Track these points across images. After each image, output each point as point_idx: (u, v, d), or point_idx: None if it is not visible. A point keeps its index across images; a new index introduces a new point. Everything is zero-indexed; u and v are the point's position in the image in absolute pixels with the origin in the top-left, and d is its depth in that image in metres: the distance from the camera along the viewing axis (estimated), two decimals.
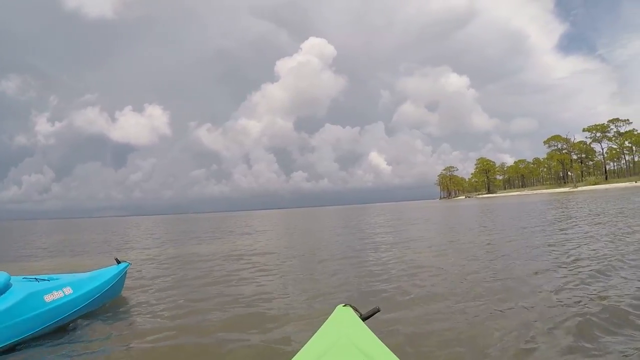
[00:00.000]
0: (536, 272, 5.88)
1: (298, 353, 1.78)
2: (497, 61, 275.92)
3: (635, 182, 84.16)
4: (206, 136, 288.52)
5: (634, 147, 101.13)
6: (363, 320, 2.12)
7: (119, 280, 5.56)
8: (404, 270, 6.76)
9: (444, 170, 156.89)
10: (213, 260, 9.34)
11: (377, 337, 1.88)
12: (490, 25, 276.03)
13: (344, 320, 2.11)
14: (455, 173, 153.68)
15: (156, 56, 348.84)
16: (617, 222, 12.61)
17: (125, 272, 5.79)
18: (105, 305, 5.17)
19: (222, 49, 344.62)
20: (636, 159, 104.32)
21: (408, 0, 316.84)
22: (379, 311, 2.24)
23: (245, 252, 10.66)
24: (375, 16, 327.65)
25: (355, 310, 2.21)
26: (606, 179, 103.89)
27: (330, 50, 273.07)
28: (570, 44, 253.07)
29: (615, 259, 6.32)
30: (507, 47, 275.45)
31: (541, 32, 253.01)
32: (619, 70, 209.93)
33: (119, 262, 5.74)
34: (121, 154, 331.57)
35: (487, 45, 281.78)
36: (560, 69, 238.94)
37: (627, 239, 8.62)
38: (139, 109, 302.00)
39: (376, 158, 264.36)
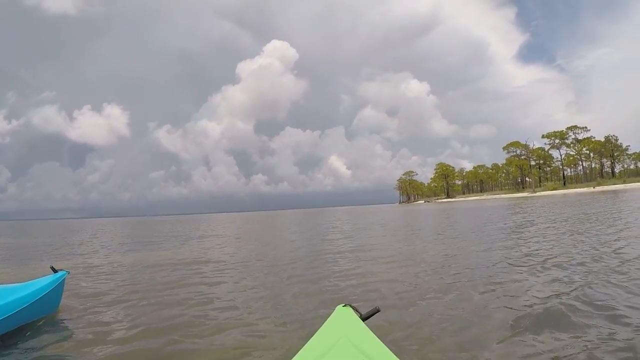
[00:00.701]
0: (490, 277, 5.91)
1: (298, 353, 1.80)
2: (458, 68, 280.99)
3: (593, 187, 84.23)
4: (166, 137, 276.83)
5: (591, 154, 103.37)
6: (363, 320, 2.14)
7: (55, 292, 4.92)
8: (360, 283, 6.16)
9: (403, 174, 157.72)
10: (164, 268, 8.70)
11: (377, 337, 1.90)
12: (452, 33, 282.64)
13: (344, 320, 2.13)
14: (414, 178, 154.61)
15: (117, 55, 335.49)
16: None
17: (63, 283, 5.12)
18: (38, 321, 4.58)
19: (185, 49, 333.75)
20: (593, 165, 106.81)
21: (372, 6, 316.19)
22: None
23: (198, 259, 10.14)
24: (338, 21, 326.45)
25: (355, 310, 2.24)
26: (564, 184, 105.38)
27: (292, 53, 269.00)
28: (529, 54, 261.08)
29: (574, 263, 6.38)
30: (468, 55, 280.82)
31: (502, 41, 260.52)
32: (577, 80, 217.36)
33: (55, 270, 5.07)
34: (79, 154, 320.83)
35: (449, 52, 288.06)
36: (520, 77, 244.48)
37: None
38: (97, 109, 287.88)
39: (336, 162, 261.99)
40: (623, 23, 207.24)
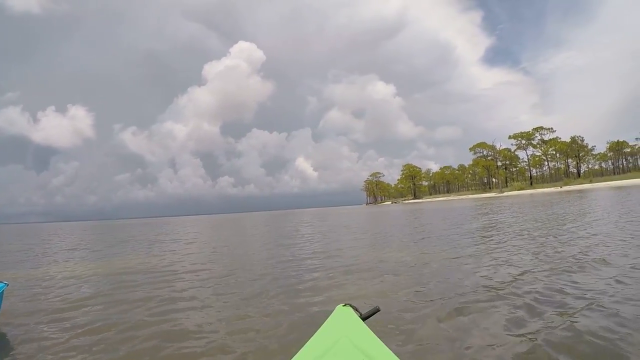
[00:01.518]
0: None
1: (298, 353, 1.80)
2: (424, 71, 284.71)
3: (560, 187, 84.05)
4: (131, 139, 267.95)
5: (557, 154, 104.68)
6: (363, 320, 2.13)
7: None
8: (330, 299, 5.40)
9: (370, 176, 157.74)
10: (121, 279, 7.87)
11: (377, 337, 1.88)
12: (419, 36, 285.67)
13: (344, 320, 2.12)
14: (381, 179, 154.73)
15: (83, 55, 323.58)
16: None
17: (1, 295, 4.72)
18: None
19: (152, 50, 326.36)
20: (558, 165, 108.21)
21: (339, 8, 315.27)
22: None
23: (158, 268, 9.17)
24: (306, 23, 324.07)
25: (355, 309, 2.21)
26: (531, 184, 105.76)
27: (259, 55, 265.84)
28: (495, 57, 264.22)
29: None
30: (435, 58, 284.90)
31: (468, 44, 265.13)
32: (541, 82, 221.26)
33: None
34: (43, 156, 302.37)
35: (415, 55, 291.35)
36: (485, 80, 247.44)
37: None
38: (62, 110, 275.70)
39: (303, 164, 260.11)
40: (587, 27, 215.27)
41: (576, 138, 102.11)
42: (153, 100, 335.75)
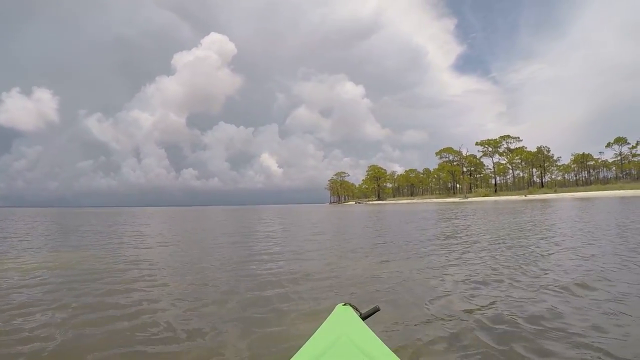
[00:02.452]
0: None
1: (297, 352, 1.77)
2: (394, 74, 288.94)
3: (525, 195, 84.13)
4: (96, 126, 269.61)
5: (523, 163, 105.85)
6: (363, 319, 2.13)
7: None
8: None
9: (335, 175, 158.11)
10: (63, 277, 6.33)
11: (377, 337, 1.87)
12: (392, 39, 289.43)
13: (343, 319, 2.11)
14: (345, 179, 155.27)
15: (51, 37, 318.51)
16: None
17: None
18: None
19: (122, 37, 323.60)
20: (522, 174, 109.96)
21: (315, 6, 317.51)
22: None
23: (109, 266, 7.45)
24: (280, 19, 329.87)
25: (355, 309, 2.21)
26: (496, 191, 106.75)
27: (230, 47, 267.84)
28: (466, 65, 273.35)
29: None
30: (406, 62, 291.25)
31: (440, 50, 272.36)
32: (509, 93, 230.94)
33: None
34: (6, 139, 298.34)
35: (387, 57, 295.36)
36: (455, 86, 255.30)
37: None
38: (27, 92, 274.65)
39: (268, 160, 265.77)
40: (558, 42, 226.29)
41: (542, 148, 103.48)
42: (120, 87, 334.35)
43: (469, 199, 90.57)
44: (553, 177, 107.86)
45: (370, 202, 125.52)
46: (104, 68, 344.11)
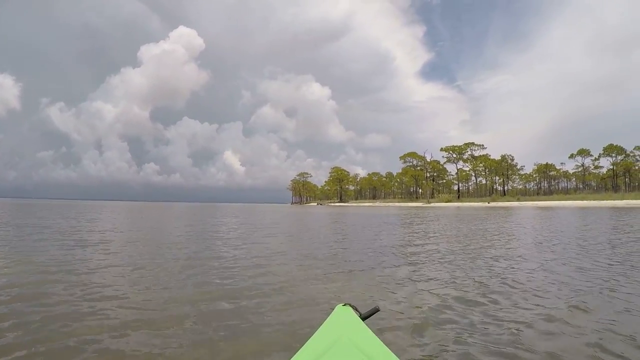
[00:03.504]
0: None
1: (297, 352, 1.77)
2: (361, 78, 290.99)
3: (488, 202, 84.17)
4: (58, 116, 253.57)
5: (486, 170, 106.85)
6: (363, 320, 2.13)
7: None
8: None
9: (297, 175, 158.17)
10: None
11: (377, 337, 1.89)
12: (361, 43, 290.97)
13: (343, 320, 2.11)
14: (308, 179, 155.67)
15: (15, 21, 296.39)
16: None
17: None
18: None
19: (90, 25, 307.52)
20: (485, 182, 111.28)
21: (286, 6, 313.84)
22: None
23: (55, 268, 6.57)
24: (250, 16, 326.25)
25: (355, 309, 2.21)
26: (459, 197, 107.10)
27: (199, 42, 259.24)
28: (432, 72, 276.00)
29: None
30: (373, 66, 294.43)
31: (407, 57, 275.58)
32: (474, 101, 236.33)
33: None
34: None
35: (355, 61, 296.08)
36: (420, 93, 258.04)
37: None
38: None
39: (231, 157, 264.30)
40: (524, 54, 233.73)
41: (506, 157, 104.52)
42: (85, 77, 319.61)
43: (432, 204, 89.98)
44: (514, 185, 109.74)
45: (333, 204, 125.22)
46: (70, 56, 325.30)
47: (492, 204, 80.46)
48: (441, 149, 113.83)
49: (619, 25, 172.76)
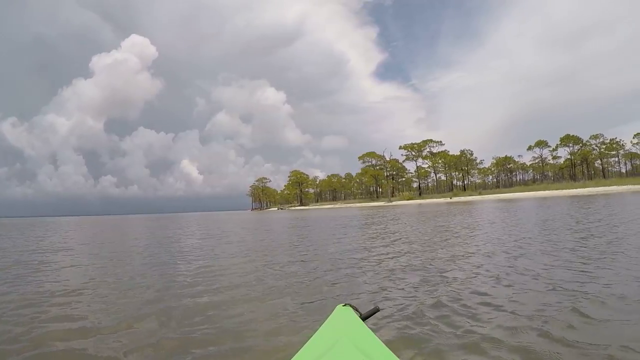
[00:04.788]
0: None
1: (298, 353, 1.77)
2: (316, 81, 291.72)
3: (450, 198, 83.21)
4: (10, 131, 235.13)
5: (446, 166, 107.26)
6: (363, 320, 2.13)
7: None
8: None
9: (256, 181, 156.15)
10: None
11: (377, 337, 1.88)
12: (315, 46, 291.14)
13: (343, 320, 2.12)
14: (267, 185, 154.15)
15: None
16: None
17: None
18: None
19: (40, 37, 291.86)
20: (444, 177, 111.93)
21: (239, 11, 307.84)
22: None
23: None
24: (203, 23, 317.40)
25: (355, 309, 2.21)
26: (420, 194, 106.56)
27: (151, 51, 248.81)
28: (386, 72, 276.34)
29: None
30: (328, 69, 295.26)
31: (361, 58, 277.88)
32: (428, 100, 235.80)
33: None
34: None
35: (309, 64, 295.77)
36: (375, 93, 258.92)
37: None
38: None
39: (188, 166, 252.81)
40: (477, 51, 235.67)
41: (465, 151, 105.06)
42: (37, 90, 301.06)
43: (394, 203, 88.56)
44: (473, 179, 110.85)
45: (293, 208, 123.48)
46: (21, 69, 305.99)
47: (455, 199, 79.76)
48: (400, 147, 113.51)
49: (567, 20, 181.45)
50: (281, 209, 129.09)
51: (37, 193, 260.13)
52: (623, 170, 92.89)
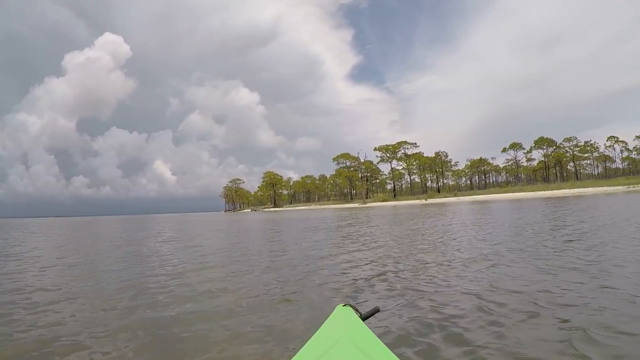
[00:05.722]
0: None
1: (298, 353, 1.77)
2: (290, 82, 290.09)
3: (425, 199, 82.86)
4: None
5: (421, 168, 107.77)
6: (363, 320, 2.12)
7: None
8: None
9: (229, 182, 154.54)
10: None
11: (377, 337, 1.88)
12: (290, 48, 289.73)
13: (343, 320, 2.12)
14: (241, 186, 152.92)
15: None
16: None
17: None
18: None
19: (13, 34, 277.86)
20: (418, 179, 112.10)
21: (215, 11, 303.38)
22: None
23: None
24: (178, 22, 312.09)
25: (355, 310, 2.21)
26: (395, 196, 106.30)
27: (125, 49, 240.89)
28: (361, 74, 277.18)
29: None
30: (302, 70, 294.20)
31: (336, 60, 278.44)
32: (402, 102, 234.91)
33: None
34: None
35: (284, 65, 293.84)
36: (349, 95, 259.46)
37: None
38: None
39: (161, 167, 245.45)
40: (450, 55, 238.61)
41: (440, 153, 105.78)
42: (8, 88, 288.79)
43: (368, 204, 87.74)
44: (446, 181, 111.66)
45: (267, 210, 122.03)
46: None
47: (430, 200, 79.54)
48: (375, 149, 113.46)
49: (541, 26, 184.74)
50: (254, 210, 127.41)
51: (8, 194, 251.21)
52: (595, 173, 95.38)
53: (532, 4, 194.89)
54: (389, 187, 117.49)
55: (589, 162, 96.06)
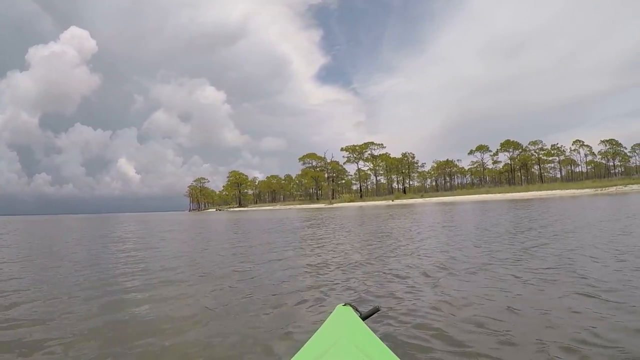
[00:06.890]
0: None
1: (298, 353, 1.75)
2: (257, 81, 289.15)
3: (392, 200, 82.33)
4: None
5: (387, 169, 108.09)
6: (363, 320, 2.11)
7: None
8: None
9: (194, 181, 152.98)
10: None
11: (377, 337, 1.87)
12: (258, 47, 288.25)
13: (343, 320, 2.08)
14: (205, 185, 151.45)
15: None
16: None
17: None
18: None
19: None
20: (384, 180, 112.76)
21: (183, 8, 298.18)
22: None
23: None
24: (146, 18, 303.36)
25: (355, 309, 2.19)
26: (361, 197, 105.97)
27: (91, 44, 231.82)
28: (328, 75, 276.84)
29: None
30: (270, 70, 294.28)
31: (304, 60, 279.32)
32: (369, 103, 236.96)
33: None
34: None
35: (251, 64, 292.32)
36: (316, 96, 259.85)
37: None
38: None
39: (125, 165, 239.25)
40: (418, 58, 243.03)
41: (407, 155, 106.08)
42: None
43: (334, 205, 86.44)
44: (412, 183, 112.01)
45: (232, 209, 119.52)
46: None
47: (397, 201, 78.96)
48: (342, 149, 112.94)
49: (509, 32, 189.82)
50: (219, 210, 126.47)
51: None
52: (558, 176, 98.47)
53: (500, 11, 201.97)
54: (354, 187, 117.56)
55: (552, 165, 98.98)
